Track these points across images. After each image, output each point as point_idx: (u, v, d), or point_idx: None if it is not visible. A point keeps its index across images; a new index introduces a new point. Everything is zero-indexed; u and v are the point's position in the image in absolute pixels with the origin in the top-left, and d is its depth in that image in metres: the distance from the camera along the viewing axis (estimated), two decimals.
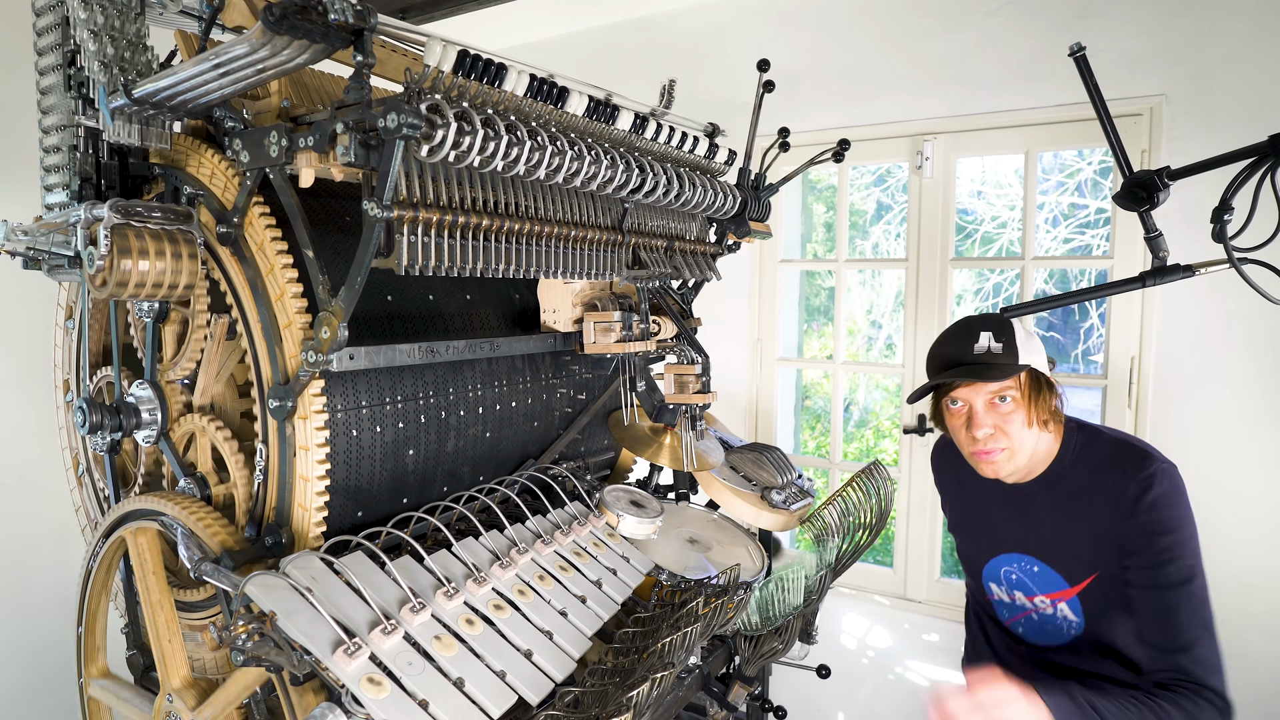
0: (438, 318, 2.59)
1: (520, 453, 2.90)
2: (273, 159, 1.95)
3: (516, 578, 2.22)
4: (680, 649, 2.08)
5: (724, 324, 5.25)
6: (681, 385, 2.90)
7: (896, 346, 11.39)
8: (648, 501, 2.84)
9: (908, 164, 4.68)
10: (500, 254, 2.12)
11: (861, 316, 11.97)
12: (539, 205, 2.23)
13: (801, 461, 5.10)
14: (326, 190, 2.50)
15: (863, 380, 11.53)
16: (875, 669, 4.93)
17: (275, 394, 2.09)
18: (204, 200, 2.19)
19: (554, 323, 2.88)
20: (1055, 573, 2.64)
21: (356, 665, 1.71)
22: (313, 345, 1.97)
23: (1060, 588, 2.63)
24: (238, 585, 1.82)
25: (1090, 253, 10.41)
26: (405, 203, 1.87)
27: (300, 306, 2.06)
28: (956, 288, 4.86)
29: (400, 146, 1.76)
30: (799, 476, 3.32)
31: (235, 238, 2.13)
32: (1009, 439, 2.56)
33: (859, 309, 11.95)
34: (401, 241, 1.87)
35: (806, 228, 5.77)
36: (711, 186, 2.76)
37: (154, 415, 2.41)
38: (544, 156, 2.03)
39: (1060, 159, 10.74)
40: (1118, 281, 2.56)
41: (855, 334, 11.83)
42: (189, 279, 2.11)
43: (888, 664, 4.90)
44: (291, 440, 2.10)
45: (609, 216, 2.51)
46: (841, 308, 5.07)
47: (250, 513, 2.23)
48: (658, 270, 2.69)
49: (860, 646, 4.96)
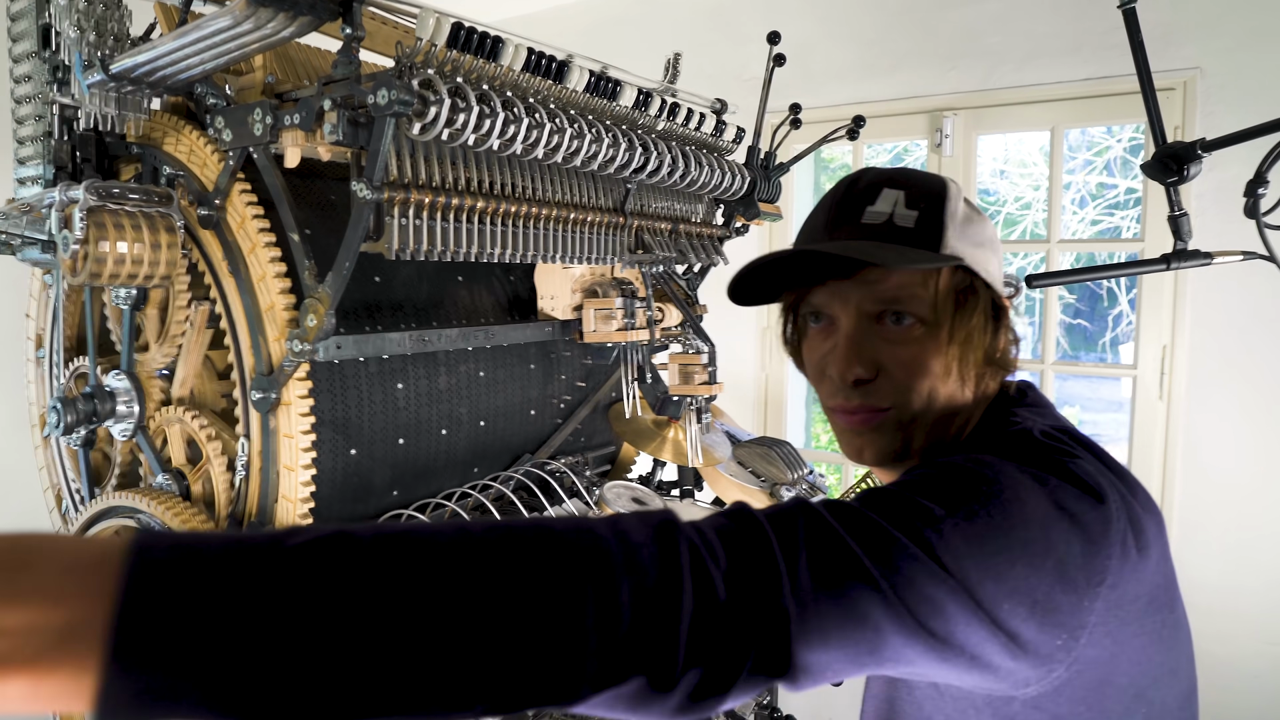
0: (430, 305, 2.59)
1: (516, 447, 2.91)
2: (256, 137, 1.95)
3: None
4: None
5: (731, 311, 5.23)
6: (686, 375, 2.90)
7: None
8: (650, 499, 2.84)
9: (926, 142, 4.67)
10: (496, 237, 2.12)
11: None
12: (536, 186, 2.23)
13: (814, 456, 5.11)
14: (313, 170, 2.50)
15: None
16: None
17: (258, 385, 2.09)
18: (184, 181, 2.19)
19: (552, 310, 2.89)
20: None
21: None
22: (298, 334, 1.98)
23: None
24: None
25: (1120, 235, 10.40)
26: (396, 184, 1.87)
27: (285, 292, 2.06)
28: None
29: (391, 124, 1.76)
30: (811, 472, 3.32)
31: (217, 220, 2.14)
32: (898, 390, 1.41)
33: None
34: (392, 224, 1.87)
35: None
36: (719, 166, 2.76)
37: (130, 408, 2.42)
38: (542, 135, 2.04)
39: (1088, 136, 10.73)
40: (1141, 261, 2.56)
41: None
42: (168, 264, 2.11)
43: None
44: (275, 434, 2.11)
45: (610, 198, 2.51)
46: None
47: (231, 510, 2.24)
48: (662, 254, 2.69)
49: None
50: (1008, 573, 1.08)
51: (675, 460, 3.01)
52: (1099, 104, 4.21)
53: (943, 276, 1.39)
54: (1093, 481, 1.20)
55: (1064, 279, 2.77)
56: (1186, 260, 2.43)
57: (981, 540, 1.09)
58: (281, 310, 2.05)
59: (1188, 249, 2.44)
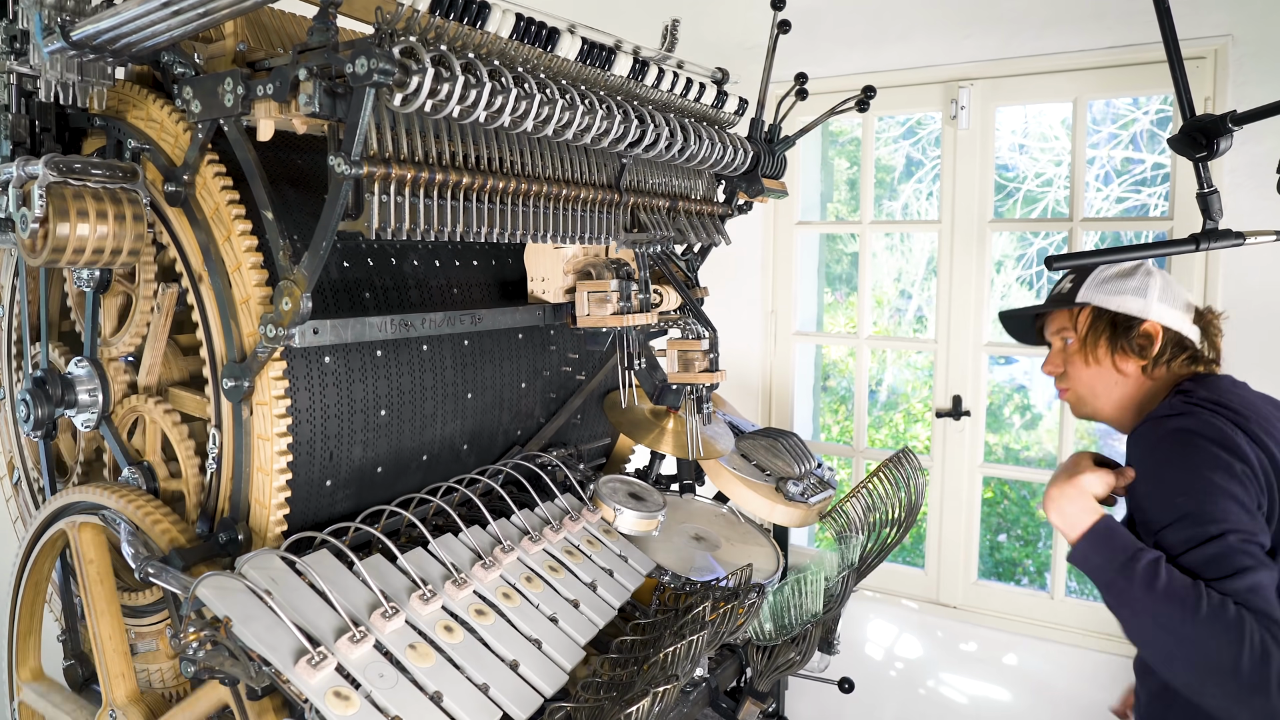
0: (412, 287, 2.59)
1: (505, 439, 2.91)
2: (227, 109, 1.95)
3: (501, 579, 2.23)
4: (685, 660, 2.09)
5: (734, 294, 5.25)
6: (686, 363, 2.90)
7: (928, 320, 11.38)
8: (648, 494, 2.84)
9: (941, 114, 4.67)
10: (483, 216, 2.12)
11: (889, 286, 11.97)
12: (526, 161, 2.23)
13: (822, 449, 5.11)
14: (288, 144, 2.50)
15: (891, 357, 11.54)
16: (904, 682, 4.95)
17: (230, 373, 2.09)
18: (150, 155, 2.18)
19: (543, 293, 2.88)
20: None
21: (321, 677, 1.72)
22: (272, 318, 1.98)
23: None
24: (188, 587, 1.83)
25: (1147, 214, 10.40)
26: (376, 158, 1.86)
27: (259, 275, 2.06)
28: (996, 253, 4.85)
29: (370, 95, 1.76)
30: (819, 466, 3.33)
31: (185, 197, 2.13)
32: (1068, 380, 2.74)
33: (886, 277, 11.94)
34: (372, 202, 1.87)
35: (827, 186, 5.76)
36: (720, 139, 2.76)
37: (94, 397, 2.41)
38: (531, 106, 2.03)
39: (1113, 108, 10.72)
40: (1169, 241, 2.55)
41: (882, 305, 11.84)
42: (134, 244, 2.11)
43: (918, 676, 4.91)
44: (248, 425, 2.11)
45: (605, 173, 2.51)
46: (867, 276, 5.09)
47: (202, 506, 2.24)
48: (659, 234, 2.69)
49: (887, 657, 4.98)
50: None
51: (674, 453, 3.02)
52: (1124, 73, 4.21)
53: (1080, 314, 2.68)
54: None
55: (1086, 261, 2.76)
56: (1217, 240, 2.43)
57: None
58: (255, 292, 2.05)
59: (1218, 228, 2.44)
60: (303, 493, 2.26)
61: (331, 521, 2.30)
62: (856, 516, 3.12)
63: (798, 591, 2.80)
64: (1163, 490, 2.33)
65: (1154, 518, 2.31)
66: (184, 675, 1.72)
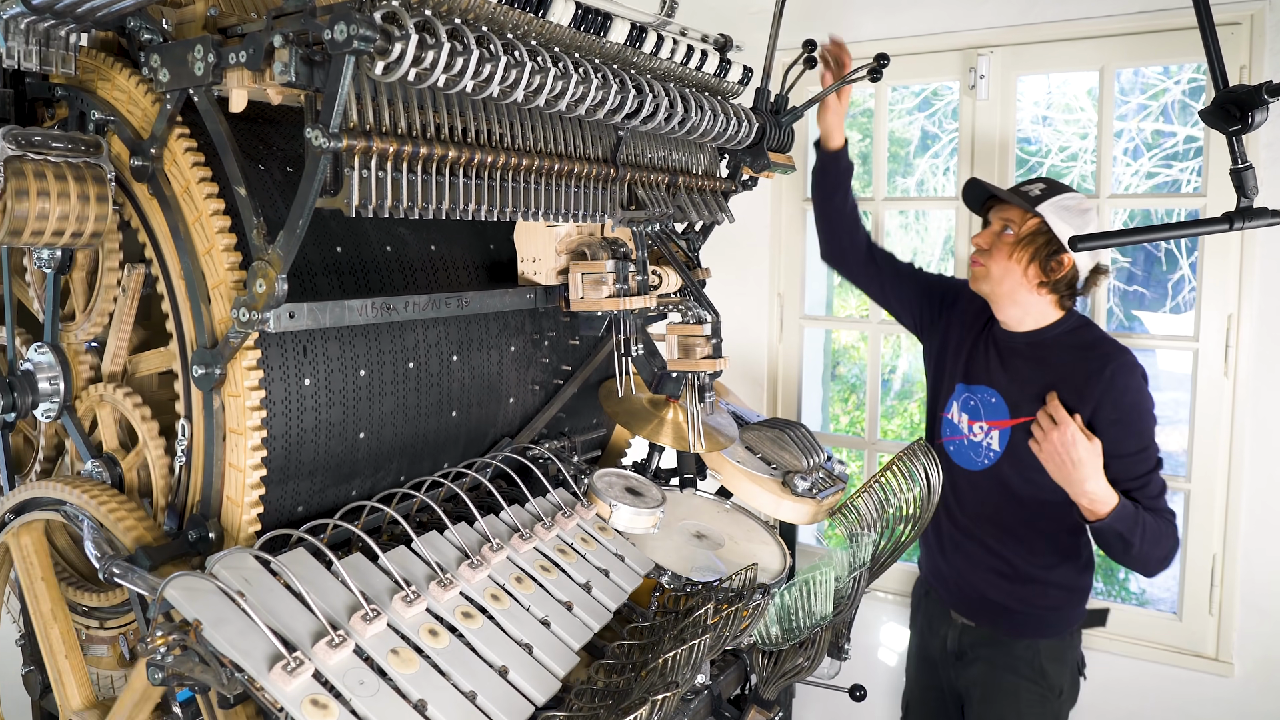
0: (395, 268, 2.59)
1: (494, 430, 2.91)
2: (198, 78, 1.94)
3: (489, 580, 2.23)
4: (685, 666, 2.09)
5: (738, 276, 5.24)
6: (687, 349, 2.90)
7: None
8: (646, 489, 2.85)
9: (959, 83, 4.66)
10: (470, 192, 2.11)
11: None
12: (516, 134, 2.23)
13: (832, 441, 5.12)
14: (263, 115, 2.50)
15: (905, 344, 11.51)
16: None
17: (201, 359, 2.08)
18: (115, 128, 2.18)
19: (534, 274, 2.88)
20: (1004, 404, 3.61)
21: (298, 685, 1.72)
22: (245, 301, 1.97)
23: (1001, 418, 3.61)
24: (155, 588, 1.83)
25: (1178, 190, 10.39)
26: (356, 131, 1.86)
27: (231, 256, 2.06)
28: None
29: (350, 63, 1.75)
30: (828, 459, 3.33)
31: (153, 172, 2.13)
32: (989, 259, 3.56)
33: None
34: (352, 177, 1.87)
35: None
36: (723, 110, 2.75)
37: (55, 385, 2.41)
38: (522, 75, 2.03)
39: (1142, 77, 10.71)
40: (1201, 220, 2.55)
41: None
42: (97, 222, 2.11)
43: None
44: (220, 415, 2.11)
45: (600, 147, 2.50)
46: None
47: (170, 502, 2.24)
48: (658, 211, 2.69)
49: (902, 663, 4.98)
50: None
51: (674, 445, 3.02)
52: (1154, 40, 4.20)
53: (1027, 220, 3.45)
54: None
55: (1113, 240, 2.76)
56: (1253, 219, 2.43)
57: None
58: (227, 274, 2.05)
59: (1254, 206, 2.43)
60: (278, 488, 2.26)
61: (309, 518, 2.30)
62: (869, 513, 3.11)
63: (806, 593, 2.80)
64: (1144, 422, 3.43)
65: (1129, 442, 3.38)
66: (151, 683, 1.72)
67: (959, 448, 3.77)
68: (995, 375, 3.67)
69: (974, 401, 3.72)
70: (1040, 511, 3.58)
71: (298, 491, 2.32)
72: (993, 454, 3.64)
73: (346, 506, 2.31)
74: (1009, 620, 3.69)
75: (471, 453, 2.82)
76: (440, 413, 2.67)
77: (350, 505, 2.31)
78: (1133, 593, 9.33)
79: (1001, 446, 3.62)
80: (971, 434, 3.72)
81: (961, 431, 3.75)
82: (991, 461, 3.65)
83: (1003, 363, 3.66)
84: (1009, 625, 3.69)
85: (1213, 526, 4.15)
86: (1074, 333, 3.59)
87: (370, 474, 2.52)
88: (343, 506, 2.35)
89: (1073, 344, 3.56)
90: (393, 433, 2.53)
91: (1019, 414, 3.56)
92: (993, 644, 3.72)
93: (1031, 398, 3.54)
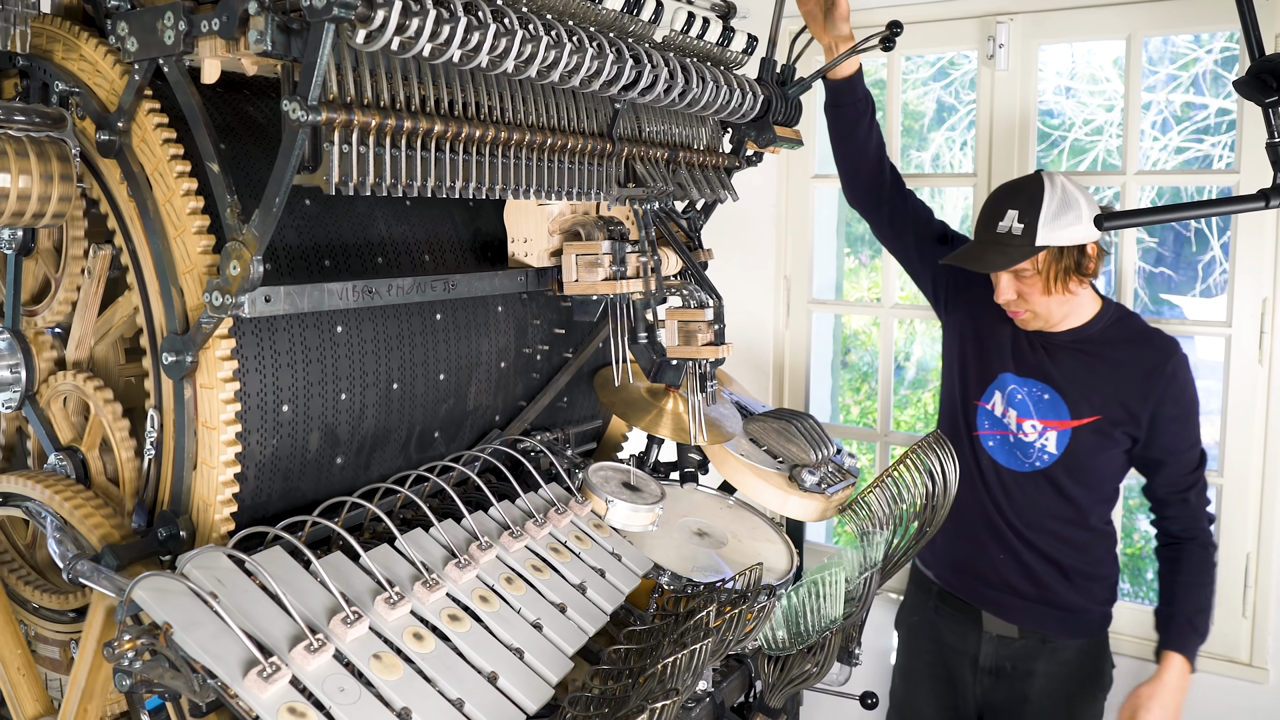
0: (378, 250, 2.58)
1: (483, 421, 2.91)
2: (168, 47, 1.93)
3: (478, 580, 2.23)
4: (686, 672, 2.09)
5: (742, 257, 5.24)
6: (688, 335, 2.90)
7: None
8: (644, 484, 2.85)
9: (977, 53, 4.65)
10: (457, 168, 2.11)
11: None
12: (506, 106, 2.22)
13: (842, 433, 5.11)
14: (237, 86, 2.49)
15: (920, 329, 11.52)
16: None
17: (171, 346, 2.08)
18: (80, 99, 2.17)
19: (525, 256, 2.88)
20: (1064, 404, 3.63)
21: (274, 691, 1.72)
22: (219, 284, 1.96)
23: (1061, 418, 3.63)
24: (123, 589, 1.83)
25: (1210, 166, 10.39)
26: (336, 103, 1.85)
27: (204, 236, 2.05)
28: None
29: (330, 31, 1.74)
30: (838, 452, 3.33)
31: (120, 147, 2.12)
32: (1029, 304, 3.54)
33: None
34: (331, 152, 1.86)
35: None
36: (725, 82, 2.75)
37: (16, 374, 2.41)
38: (512, 43, 2.02)
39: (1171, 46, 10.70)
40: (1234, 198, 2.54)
41: None
42: (61, 201, 2.10)
43: None
44: (191, 405, 2.11)
45: (595, 120, 2.50)
46: None
47: (139, 497, 2.24)
48: (657, 188, 2.69)
49: None
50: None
51: (674, 437, 3.02)
52: (1184, 7, 4.19)
53: (1040, 255, 3.41)
54: None
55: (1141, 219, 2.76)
56: None
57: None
58: (199, 256, 2.05)
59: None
60: (253, 483, 2.26)
61: (286, 515, 2.30)
62: (881, 509, 3.11)
63: (814, 594, 2.80)
64: (1197, 416, 3.57)
65: (1186, 437, 3.56)
66: (119, 689, 1.72)
67: (1001, 443, 3.77)
68: (1049, 370, 3.68)
69: (1022, 395, 3.72)
70: (1090, 510, 3.68)
71: (274, 486, 2.32)
72: (1048, 456, 3.67)
73: (326, 502, 2.30)
74: (1061, 623, 3.76)
75: (459, 446, 2.82)
76: (426, 403, 2.67)
77: (330, 501, 2.30)
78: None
79: (1059, 449, 3.65)
80: (1021, 432, 3.71)
81: (1006, 427, 3.75)
82: (1046, 464, 3.68)
83: (1050, 357, 3.68)
84: (1060, 627, 3.76)
85: (1246, 523, 4.16)
86: (1118, 325, 3.65)
87: (352, 467, 2.51)
88: (322, 502, 2.34)
89: (1122, 338, 3.62)
90: (376, 424, 2.53)
91: (1080, 415, 3.60)
92: (1042, 654, 3.78)
93: (1091, 397, 3.59)
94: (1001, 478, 3.75)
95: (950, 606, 3.95)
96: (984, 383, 3.85)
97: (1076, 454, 3.61)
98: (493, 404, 2.92)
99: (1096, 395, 3.57)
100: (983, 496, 3.77)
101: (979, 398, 3.85)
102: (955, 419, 3.95)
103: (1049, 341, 3.68)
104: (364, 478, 2.56)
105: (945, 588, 3.97)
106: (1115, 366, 3.57)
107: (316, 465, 2.41)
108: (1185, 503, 3.61)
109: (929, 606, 4.05)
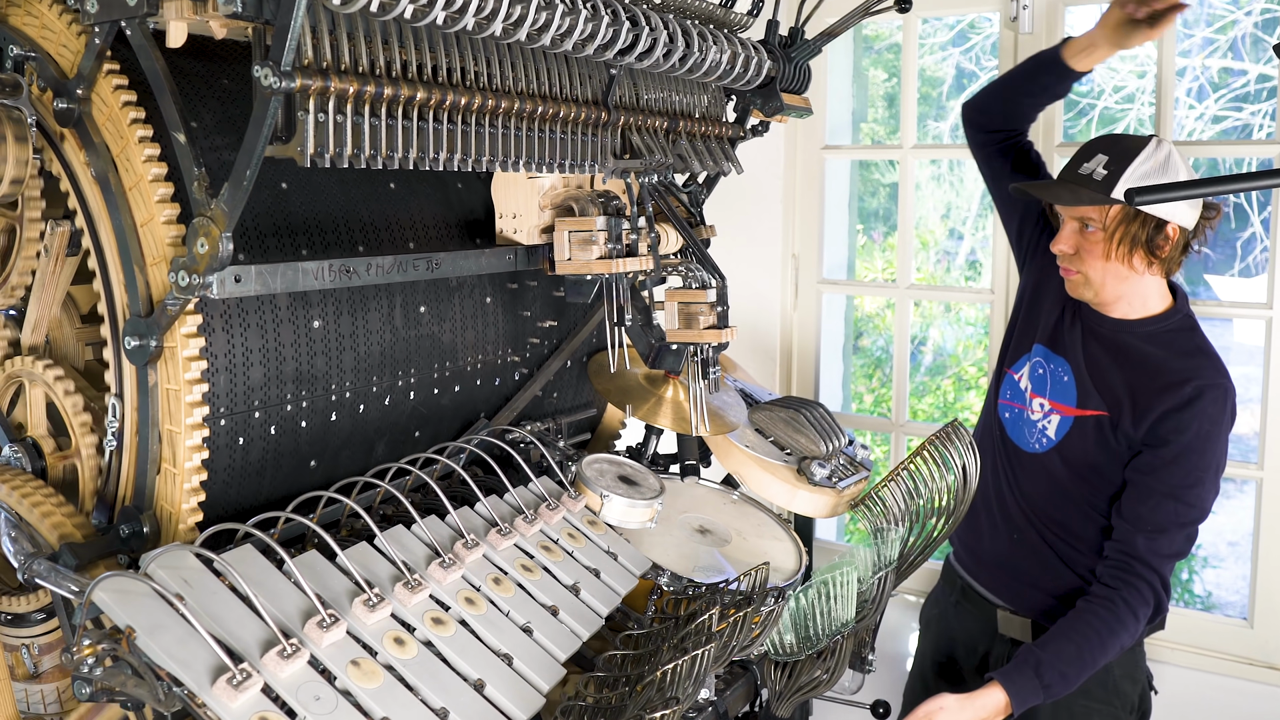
0: (356, 226, 2.58)
1: (469, 410, 2.91)
2: (131, 8, 1.93)
3: (463, 581, 2.23)
4: (687, 679, 2.10)
5: (747, 234, 5.24)
6: (689, 318, 2.90)
7: (983, 265, 11.36)
8: (642, 477, 2.85)
9: (999, 14, 4.65)
10: (441, 139, 2.11)
11: (936, 224, 11.95)
12: (494, 72, 2.22)
13: (854, 422, 5.13)
14: (204, 50, 2.49)
15: (937, 311, 11.53)
16: None
17: (134, 330, 2.08)
18: (36, 64, 2.16)
19: (514, 232, 2.88)
20: (1075, 389, 3.55)
21: (245, 700, 1.72)
22: (185, 263, 1.96)
23: (1067, 403, 3.57)
24: (82, 591, 1.83)
25: (1250, 136, 10.39)
26: (311, 69, 1.85)
27: (169, 211, 2.05)
28: None
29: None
30: (850, 443, 3.33)
31: (80, 116, 2.12)
32: (1084, 264, 3.40)
33: (932, 214, 11.93)
34: (306, 121, 1.86)
35: (860, 103, 5.75)
36: (729, 44, 2.75)
37: None
38: (500, 5, 2.02)
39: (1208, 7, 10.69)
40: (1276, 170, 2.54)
41: (927, 248, 11.82)
42: (16, 172, 2.10)
43: None
44: (156, 393, 2.10)
45: (590, 88, 2.50)
46: (908, 212, 5.08)
47: (100, 492, 2.24)
48: (656, 160, 2.69)
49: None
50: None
51: (674, 427, 3.02)
52: None
53: (1111, 209, 3.26)
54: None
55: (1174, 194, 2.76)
56: None
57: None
58: (163, 229, 2.04)
59: None
60: (222, 476, 2.26)
61: (257, 510, 2.29)
62: (896, 505, 3.11)
63: (825, 596, 2.81)
64: (1205, 461, 3.35)
65: (1176, 477, 3.31)
66: (78, 698, 1.72)
67: (1015, 417, 3.74)
68: (1078, 353, 3.58)
69: (1043, 371, 3.67)
70: (1090, 506, 3.54)
71: (245, 480, 2.32)
72: (1046, 440, 3.61)
73: (301, 497, 2.30)
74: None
75: (443, 435, 2.82)
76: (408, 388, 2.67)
77: (305, 495, 2.30)
78: (1197, 596, 9.38)
79: (1058, 436, 3.58)
80: (1031, 408, 3.68)
81: (1023, 400, 3.72)
82: (1044, 448, 3.62)
83: (1085, 341, 3.58)
84: None
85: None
86: (1173, 333, 3.47)
87: (329, 460, 2.52)
88: (297, 497, 2.34)
89: (1164, 343, 3.45)
90: (354, 413, 2.53)
91: (1086, 406, 3.51)
92: None
93: (1102, 389, 3.48)
94: (1009, 453, 3.72)
95: (970, 603, 3.88)
96: (1020, 351, 3.80)
97: (1073, 445, 3.53)
98: (478, 393, 2.92)
99: (1108, 392, 3.46)
100: (1000, 470, 3.74)
101: (1010, 365, 3.81)
102: (992, 382, 3.94)
103: (1094, 326, 3.55)
104: (340, 473, 2.56)
105: (968, 577, 3.91)
106: (1139, 367, 3.44)
107: (292, 458, 2.41)
108: (1128, 551, 3.35)
109: (950, 601, 3.99)
